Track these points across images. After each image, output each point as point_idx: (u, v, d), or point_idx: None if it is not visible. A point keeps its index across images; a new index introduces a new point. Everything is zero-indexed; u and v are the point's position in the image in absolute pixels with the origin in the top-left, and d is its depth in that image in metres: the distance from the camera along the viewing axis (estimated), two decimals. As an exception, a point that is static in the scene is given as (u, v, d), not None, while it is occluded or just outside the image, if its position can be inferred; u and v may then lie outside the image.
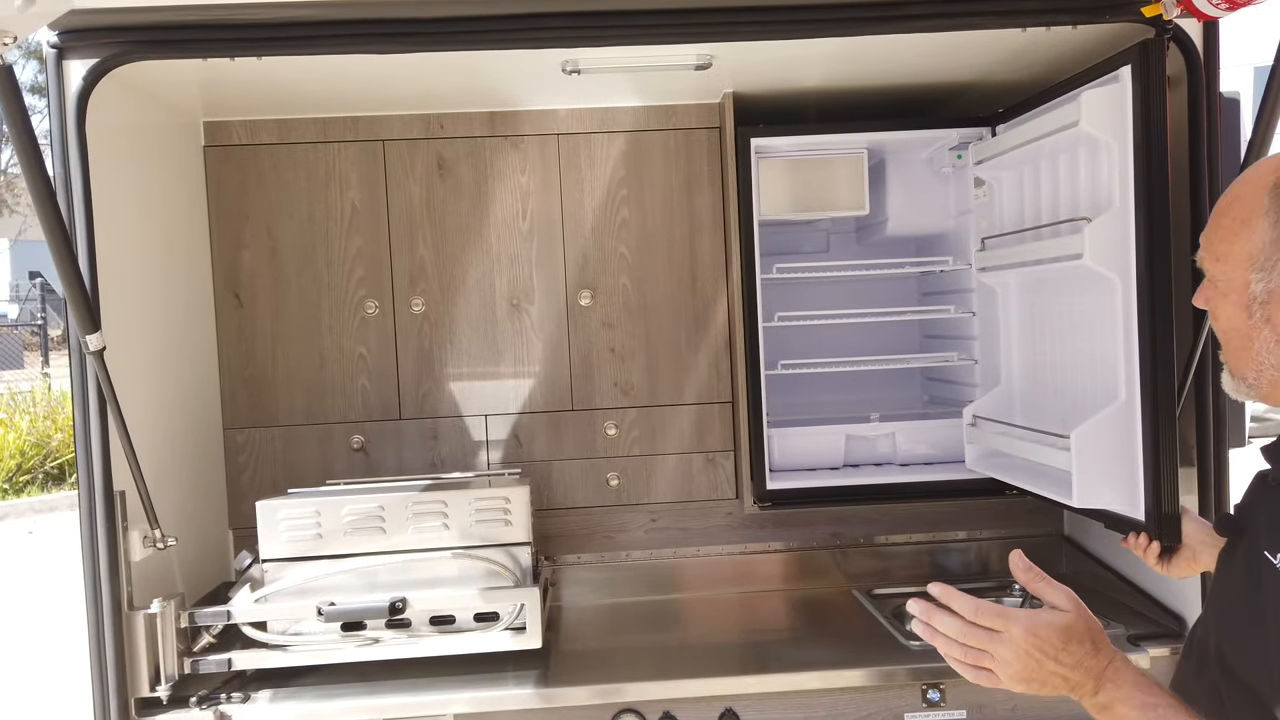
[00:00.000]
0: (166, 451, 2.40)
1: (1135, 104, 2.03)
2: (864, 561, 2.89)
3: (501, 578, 2.27)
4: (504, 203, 2.78)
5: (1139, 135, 2.02)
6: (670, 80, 2.56)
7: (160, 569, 2.26)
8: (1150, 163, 2.00)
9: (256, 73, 2.31)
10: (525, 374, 2.80)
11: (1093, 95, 2.13)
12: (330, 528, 2.27)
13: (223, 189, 2.72)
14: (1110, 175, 2.12)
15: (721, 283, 2.81)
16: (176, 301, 2.54)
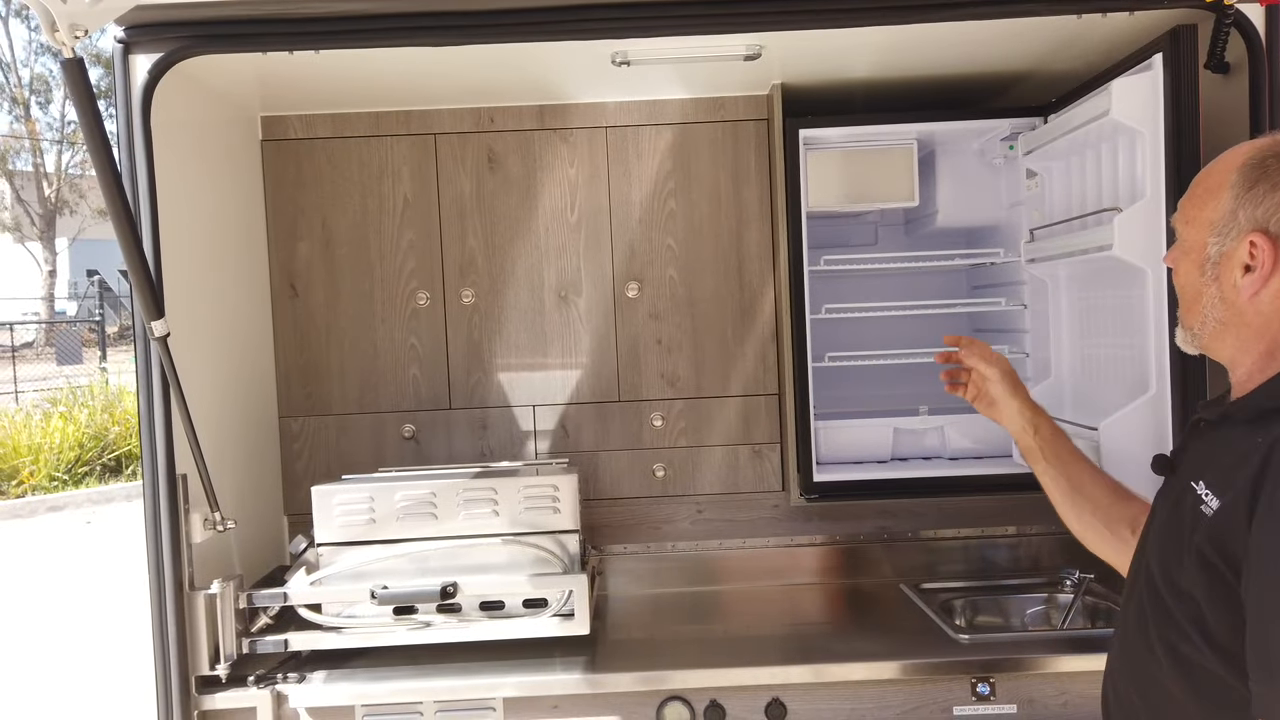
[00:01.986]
0: (225, 438, 2.46)
1: (1166, 92, 2.00)
2: (911, 555, 2.87)
3: (550, 564, 2.29)
4: (552, 195, 2.81)
5: (1170, 123, 2.00)
6: (719, 72, 2.57)
7: (219, 551, 2.32)
8: (1181, 152, 1.98)
9: (312, 67, 2.36)
10: (572, 365, 2.83)
11: (1123, 84, 2.11)
12: (383, 513, 2.32)
13: (279, 182, 2.78)
14: (1142, 165, 2.10)
15: (768, 275, 2.81)
16: (235, 291, 2.61)
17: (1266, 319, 1.31)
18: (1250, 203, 1.29)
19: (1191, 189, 1.40)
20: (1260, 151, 1.32)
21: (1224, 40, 2.10)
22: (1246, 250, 1.29)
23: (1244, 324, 1.33)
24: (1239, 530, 1.20)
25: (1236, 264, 1.31)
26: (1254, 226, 1.29)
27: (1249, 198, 1.30)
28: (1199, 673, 1.26)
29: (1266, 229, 1.28)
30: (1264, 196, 1.28)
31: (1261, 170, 1.30)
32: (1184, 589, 1.28)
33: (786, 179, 2.63)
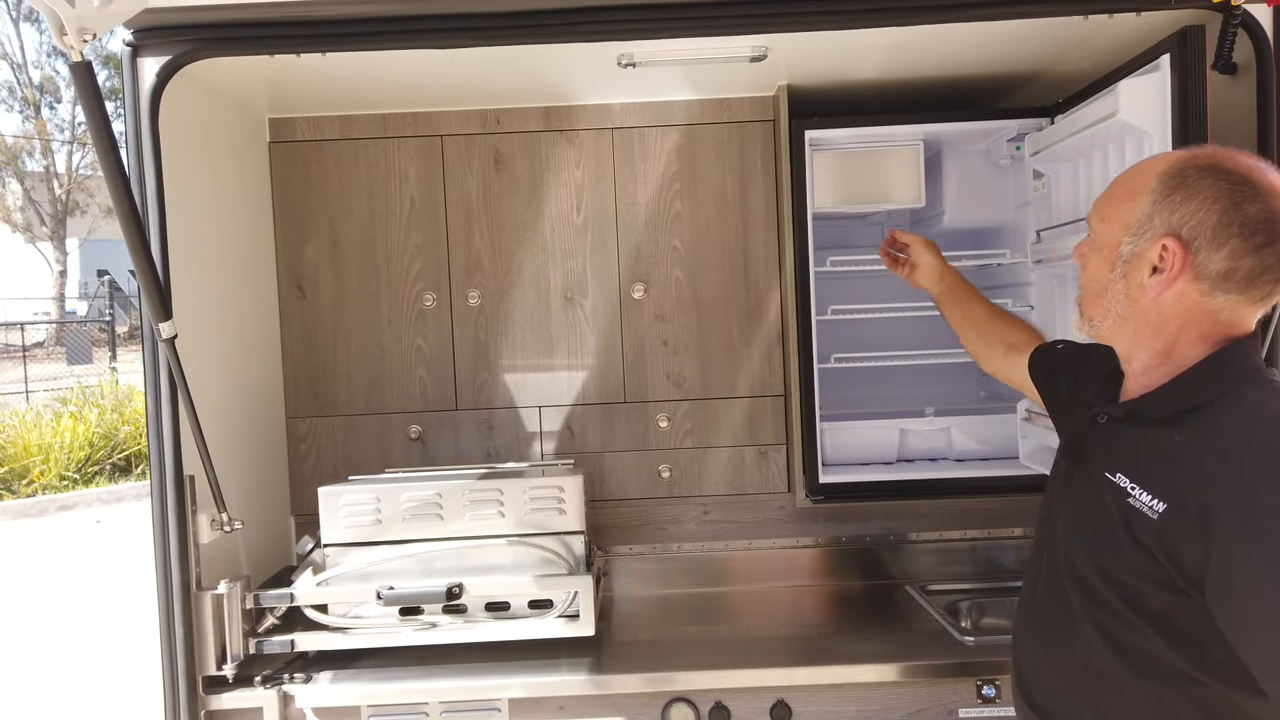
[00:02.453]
0: (232, 438, 2.47)
1: (1174, 93, 2.00)
2: (918, 557, 2.87)
3: (555, 565, 2.30)
4: (559, 196, 2.81)
5: (1177, 124, 1.99)
6: (724, 73, 2.57)
7: (226, 552, 2.33)
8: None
9: (319, 70, 2.37)
10: (578, 366, 2.83)
11: (1131, 85, 2.11)
12: (389, 514, 2.32)
13: (287, 184, 2.79)
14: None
15: (774, 276, 2.81)
16: (243, 293, 2.62)
17: (1165, 319, 1.41)
18: (1167, 209, 1.37)
19: (1111, 189, 1.49)
20: (1181, 162, 1.40)
21: (1231, 41, 2.09)
22: (1158, 253, 1.38)
23: (1144, 321, 1.43)
24: (1190, 539, 1.28)
25: (1146, 264, 1.40)
26: (1167, 231, 1.37)
27: (1166, 204, 1.38)
28: (1135, 652, 1.37)
29: (1179, 234, 1.36)
30: (1180, 204, 1.36)
31: (1181, 179, 1.37)
32: (1123, 579, 1.38)
33: (792, 180, 2.63)
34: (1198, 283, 1.37)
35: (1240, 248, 1.33)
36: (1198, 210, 1.35)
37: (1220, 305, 1.37)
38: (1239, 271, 1.33)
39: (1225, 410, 1.34)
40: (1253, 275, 1.33)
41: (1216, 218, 1.34)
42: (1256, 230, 1.32)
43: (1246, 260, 1.33)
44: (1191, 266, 1.36)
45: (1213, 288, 1.36)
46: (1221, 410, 1.35)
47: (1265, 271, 1.33)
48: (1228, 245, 1.33)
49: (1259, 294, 1.36)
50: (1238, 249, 1.33)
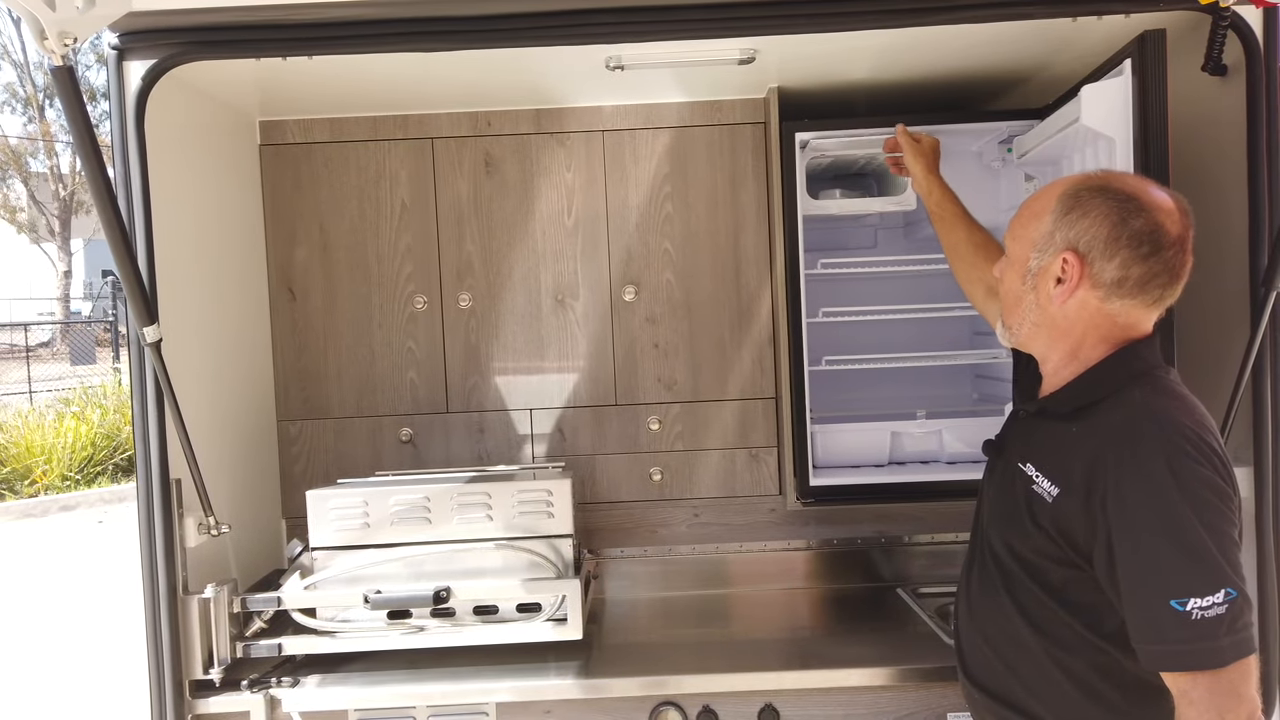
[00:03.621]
0: (222, 442, 2.47)
1: (1135, 98, 2.00)
2: (909, 560, 2.86)
3: (543, 569, 2.29)
4: (549, 199, 2.81)
5: (1138, 130, 1.99)
6: (715, 76, 2.57)
7: (215, 555, 2.33)
8: (1149, 158, 1.98)
9: (310, 73, 2.37)
10: (569, 369, 2.83)
11: (1092, 90, 2.11)
12: (378, 517, 2.32)
13: (277, 186, 2.79)
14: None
15: (766, 278, 2.81)
16: (234, 296, 2.62)
17: (1070, 323, 1.59)
18: (1065, 226, 1.55)
19: (1020, 211, 1.66)
20: (1077, 185, 1.57)
21: (1221, 42, 2.08)
22: (1059, 265, 1.55)
23: (1053, 326, 1.61)
24: (1079, 520, 1.49)
25: (1050, 276, 1.58)
26: (1066, 246, 1.55)
27: (1064, 222, 1.55)
28: (1043, 623, 1.58)
29: (1076, 248, 1.54)
30: (1075, 221, 1.54)
31: (1075, 199, 1.55)
32: (1029, 558, 1.59)
33: (783, 182, 2.62)
34: (1095, 290, 1.54)
35: (1129, 257, 1.50)
36: (1091, 226, 1.53)
37: (1117, 309, 1.55)
38: (1130, 279, 1.51)
39: (1114, 406, 1.53)
40: (1143, 281, 1.51)
41: (1107, 232, 1.51)
42: (1143, 241, 1.49)
43: (1136, 268, 1.50)
44: (1089, 276, 1.54)
45: (1108, 294, 1.54)
46: (1111, 406, 1.53)
47: (1154, 278, 1.51)
48: (1118, 256, 1.51)
49: (1151, 298, 1.53)
50: (1127, 259, 1.50)
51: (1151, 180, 1.58)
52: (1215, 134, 2.17)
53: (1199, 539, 1.38)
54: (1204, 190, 2.20)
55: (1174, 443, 1.44)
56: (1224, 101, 2.13)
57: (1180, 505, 1.40)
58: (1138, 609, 1.43)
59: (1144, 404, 1.51)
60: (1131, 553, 1.42)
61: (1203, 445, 1.44)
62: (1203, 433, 1.46)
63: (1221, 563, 1.38)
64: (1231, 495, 1.44)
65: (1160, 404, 1.50)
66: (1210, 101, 2.18)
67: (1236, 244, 2.09)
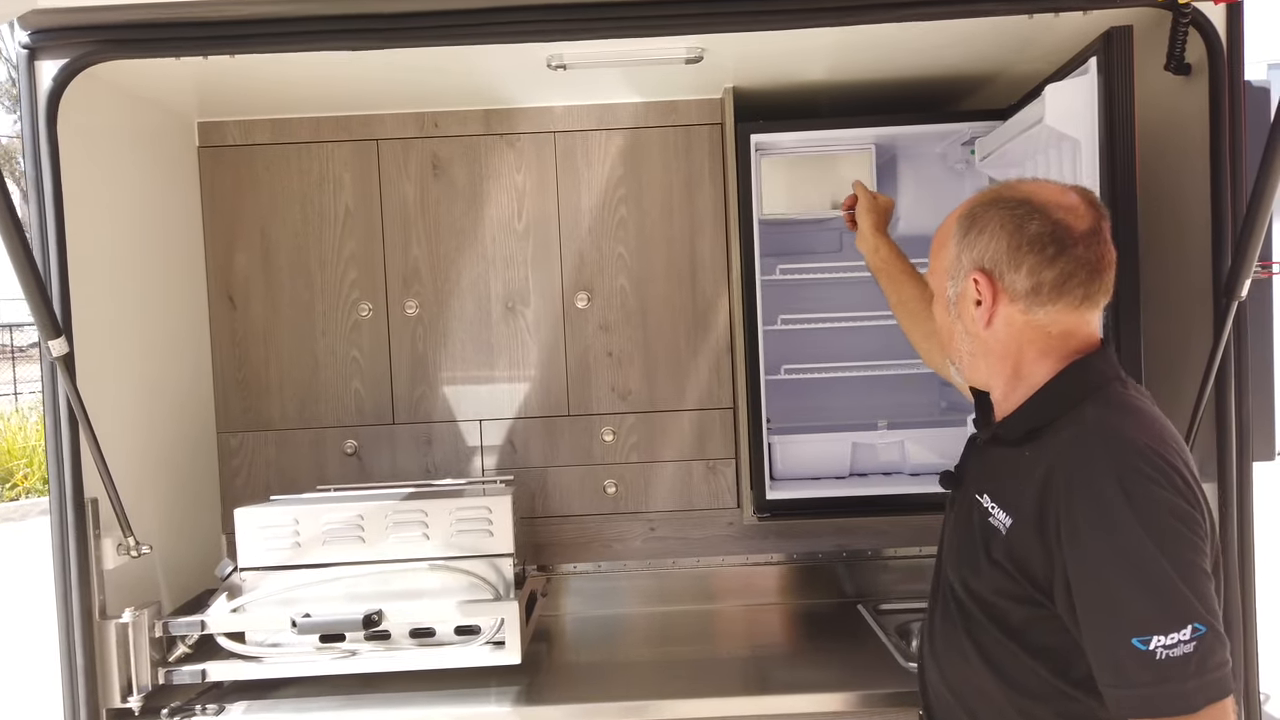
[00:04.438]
0: (154, 455, 2.38)
1: (1101, 97, 1.91)
2: (871, 575, 2.77)
3: (482, 590, 2.20)
4: (499, 203, 2.72)
5: (1104, 131, 1.91)
6: (668, 75, 2.47)
7: (140, 577, 2.24)
8: (1115, 159, 1.90)
9: (249, 72, 2.28)
10: (520, 378, 2.73)
11: (1056, 89, 2.02)
12: (309, 536, 2.23)
13: (217, 190, 2.70)
14: (1078, 173, 2.00)
15: (723, 284, 2.71)
16: (169, 303, 2.52)
17: (1004, 343, 1.50)
18: (968, 247, 1.49)
19: (933, 242, 1.59)
20: (971, 204, 1.52)
21: (1182, 40, 1.99)
22: (973, 287, 1.48)
23: (988, 351, 1.52)
24: (1034, 551, 1.37)
25: (969, 300, 1.50)
26: (974, 266, 1.48)
27: (966, 243, 1.49)
28: (1009, 667, 1.44)
29: (983, 266, 1.47)
30: (975, 240, 1.48)
31: (971, 219, 1.50)
32: (988, 598, 1.46)
33: (739, 186, 2.53)
34: (1014, 304, 1.46)
35: (1036, 263, 1.43)
36: (990, 241, 1.46)
37: (1045, 319, 1.46)
38: (1045, 284, 1.43)
39: (1064, 425, 1.42)
40: (1058, 283, 1.43)
41: (1006, 242, 1.44)
42: (1046, 243, 1.42)
43: (1046, 272, 1.42)
44: (1003, 291, 1.46)
45: (1028, 304, 1.45)
46: (1061, 427, 1.42)
47: (1069, 277, 1.42)
48: (1024, 263, 1.43)
49: (1074, 298, 1.44)
50: (1035, 264, 1.43)
51: (1049, 181, 1.51)
52: (1179, 135, 2.08)
53: (1159, 570, 1.25)
54: (1168, 193, 2.11)
55: (1127, 462, 1.31)
56: (1187, 102, 2.04)
57: (1136, 532, 1.27)
58: (1099, 650, 1.30)
59: (1095, 421, 1.39)
60: (1088, 587, 1.30)
61: (1161, 464, 1.31)
62: (1163, 450, 1.33)
63: (1187, 595, 1.25)
64: (1198, 520, 1.30)
65: (1113, 420, 1.38)
66: (1174, 102, 2.09)
67: (1200, 249, 2.00)
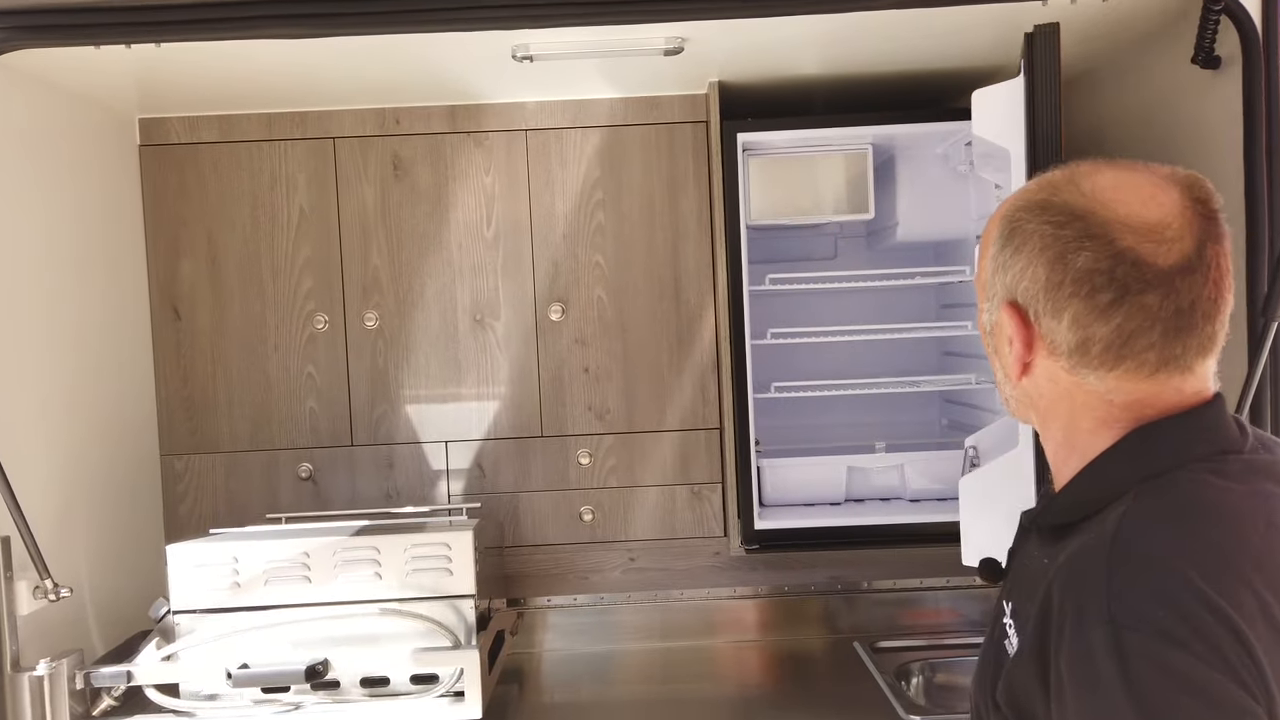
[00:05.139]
0: (90, 481, 2.18)
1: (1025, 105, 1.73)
2: (869, 609, 2.57)
3: (439, 636, 1.99)
4: (466, 206, 2.51)
5: (1028, 143, 1.74)
6: (647, 69, 2.27)
7: (68, 619, 2.04)
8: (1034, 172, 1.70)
9: (193, 64, 2.09)
10: (490, 396, 2.53)
11: (983, 95, 1.84)
12: (249, 576, 2.02)
13: (159, 192, 2.49)
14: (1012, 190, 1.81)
15: (708, 295, 2.51)
16: (106, 316, 2.31)
17: (1050, 400, 1.05)
18: (1002, 266, 1.04)
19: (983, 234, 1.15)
20: (1016, 203, 1.06)
21: (1213, 31, 1.80)
22: (1007, 323, 1.04)
23: (1032, 405, 1.09)
24: (1034, 696, 0.95)
25: (1003, 335, 1.06)
26: (1005, 296, 1.04)
27: (1001, 260, 1.05)
28: None
29: (1015, 300, 1.03)
30: (1011, 259, 1.03)
31: (1014, 225, 1.04)
32: None
33: (725, 189, 2.34)
34: (1056, 359, 1.01)
35: (1083, 311, 0.96)
36: (1027, 266, 1.01)
37: (1102, 386, 0.99)
38: (1095, 341, 0.97)
39: (1092, 529, 0.97)
40: (1115, 344, 0.96)
41: (1044, 275, 0.99)
42: (1097, 285, 0.95)
43: (1098, 327, 0.96)
44: (1040, 339, 1.01)
45: (1075, 364, 1.00)
46: (1091, 527, 0.97)
47: (1133, 337, 0.95)
48: (1067, 311, 0.98)
49: (1144, 364, 0.97)
50: (1080, 314, 0.97)
51: (1147, 168, 1.00)
52: (1206, 138, 1.89)
53: None
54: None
55: (1139, 604, 0.86)
56: (1216, 100, 1.85)
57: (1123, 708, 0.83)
58: None
59: (1127, 529, 0.92)
60: None
61: (1197, 610, 0.84)
62: (1215, 587, 0.85)
63: None
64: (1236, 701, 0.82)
65: (1148, 528, 0.92)
66: (1200, 100, 1.90)
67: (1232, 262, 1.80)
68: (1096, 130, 2.35)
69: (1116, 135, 2.26)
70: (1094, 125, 2.36)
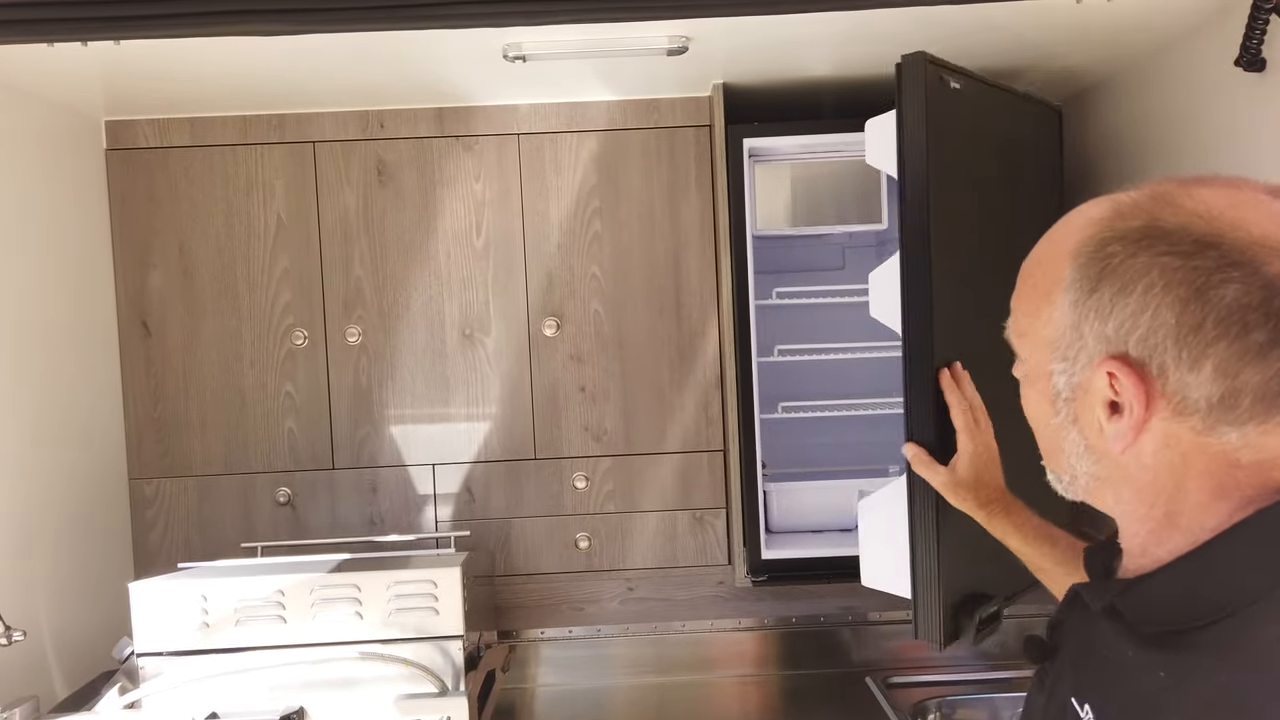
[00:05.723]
0: (49, 509, 2.03)
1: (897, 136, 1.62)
2: (880, 641, 2.44)
3: (425, 682, 1.85)
4: (455, 214, 2.36)
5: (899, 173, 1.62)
6: (648, 70, 2.13)
7: (25, 661, 1.89)
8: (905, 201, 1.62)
9: (162, 63, 1.94)
10: (480, 416, 2.38)
11: (874, 124, 1.73)
12: (219, 615, 1.87)
13: (127, 199, 2.34)
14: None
15: (711, 309, 2.37)
16: (68, 330, 2.16)
17: (1155, 472, 0.85)
18: (1095, 316, 0.84)
19: (1020, 283, 0.95)
20: (1100, 229, 0.85)
21: (1262, 30, 1.66)
22: (1106, 383, 0.84)
23: (1125, 481, 0.88)
24: None
25: (1096, 401, 0.85)
26: (1107, 351, 0.83)
27: (1092, 307, 0.84)
28: None
29: (1126, 355, 0.82)
30: (1112, 305, 0.82)
31: (1103, 262, 0.83)
32: None
33: (729, 196, 2.20)
34: (1183, 419, 0.81)
35: (1231, 356, 0.78)
36: (1140, 311, 0.80)
37: (1238, 443, 0.81)
38: (1245, 391, 0.78)
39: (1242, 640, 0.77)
40: (1271, 394, 0.78)
41: (1175, 317, 0.79)
42: (1249, 324, 0.76)
43: (1250, 373, 0.78)
44: (1163, 396, 0.81)
45: (1212, 423, 0.80)
46: (1226, 644, 0.78)
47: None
48: (1209, 358, 0.78)
49: None
50: (1227, 360, 0.78)
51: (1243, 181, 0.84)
52: (1246, 144, 1.76)
53: None
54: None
55: None
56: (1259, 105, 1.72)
57: None
58: None
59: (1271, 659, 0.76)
60: None
61: None
62: None
63: None
64: None
65: None
66: (1241, 103, 1.77)
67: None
68: (1114, 138, 2.22)
69: (1140, 142, 2.12)
70: (1111, 134, 2.22)
